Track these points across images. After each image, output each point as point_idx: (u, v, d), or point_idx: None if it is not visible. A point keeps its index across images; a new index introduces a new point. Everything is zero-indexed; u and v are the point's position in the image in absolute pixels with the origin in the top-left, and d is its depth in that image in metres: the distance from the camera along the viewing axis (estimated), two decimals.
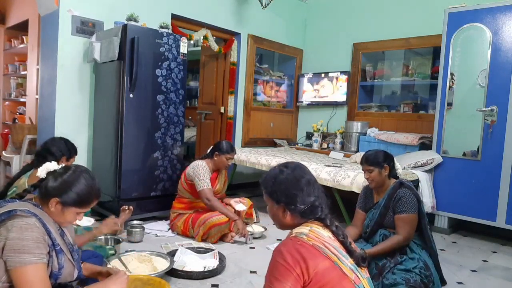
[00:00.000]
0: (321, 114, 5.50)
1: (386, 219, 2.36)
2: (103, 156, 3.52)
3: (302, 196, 1.35)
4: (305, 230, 1.31)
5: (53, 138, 2.45)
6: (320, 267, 1.20)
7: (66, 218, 1.43)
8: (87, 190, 1.43)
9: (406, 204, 2.26)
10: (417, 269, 2.13)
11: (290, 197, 1.35)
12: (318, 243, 1.25)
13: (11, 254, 1.25)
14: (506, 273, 2.80)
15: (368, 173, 2.41)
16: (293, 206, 1.35)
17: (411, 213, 2.26)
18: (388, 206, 2.34)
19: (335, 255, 1.25)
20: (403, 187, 2.32)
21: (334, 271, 1.22)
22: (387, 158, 2.40)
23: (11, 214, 1.29)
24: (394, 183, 2.38)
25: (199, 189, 3.09)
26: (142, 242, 2.93)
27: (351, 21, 5.24)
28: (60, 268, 1.37)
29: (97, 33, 3.53)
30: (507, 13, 3.32)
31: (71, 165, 1.50)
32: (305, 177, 1.39)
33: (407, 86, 4.99)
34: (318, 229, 1.32)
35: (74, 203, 1.41)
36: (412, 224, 2.26)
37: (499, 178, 3.34)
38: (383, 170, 2.37)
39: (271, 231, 3.31)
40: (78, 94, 3.61)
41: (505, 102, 3.31)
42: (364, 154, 2.49)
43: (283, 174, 1.40)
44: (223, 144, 3.25)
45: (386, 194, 2.36)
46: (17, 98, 5.78)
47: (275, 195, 1.39)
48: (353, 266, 1.28)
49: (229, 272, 2.48)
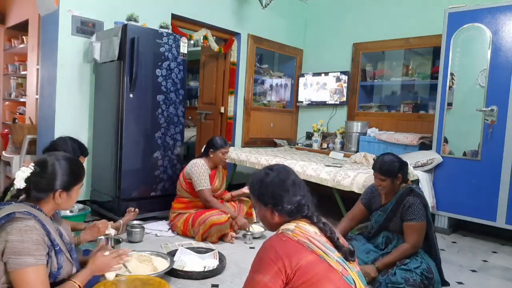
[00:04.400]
0: (321, 114, 5.51)
1: (392, 223, 2.35)
2: (103, 156, 3.52)
3: (289, 196, 1.39)
4: (291, 226, 1.34)
5: (61, 137, 2.35)
6: (303, 262, 1.22)
7: (73, 200, 1.53)
8: (72, 166, 1.50)
9: (416, 212, 2.24)
10: (419, 269, 2.13)
11: (277, 199, 1.39)
12: (303, 238, 1.28)
13: (12, 257, 1.26)
14: (506, 273, 2.80)
15: (380, 181, 2.34)
16: (280, 206, 1.39)
17: (421, 221, 2.24)
18: (396, 212, 2.31)
19: (320, 249, 1.27)
20: (413, 195, 2.28)
21: (320, 265, 1.24)
22: (402, 168, 2.32)
23: (10, 217, 1.29)
24: (404, 188, 2.33)
25: (198, 189, 3.10)
26: (142, 242, 2.93)
27: (351, 21, 5.24)
28: (59, 268, 1.38)
29: (97, 33, 3.53)
30: (507, 13, 3.32)
31: (42, 158, 1.48)
32: (290, 178, 1.43)
33: (407, 86, 4.99)
34: (305, 225, 1.34)
35: (73, 183, 1.49)
36: (420, 232, 2.25)
37: (499, 178, 3.34)
38: (396, 180, 2.32)
39: (271, 231, 3.31)
40: (78, 94, 3.61)
41: (505, 102, 3.31)
42: (378, 160, 2.38)
43: (268, 177, 1.44)
44: (216, 140, 3.28)
45: (395, 200, 2.32)
46: (17, 98, 5.78)
47: (262, 197, 1.43)
48: (340, 259, 1.29)
49: (229, 272, 2.48)
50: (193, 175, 3.13)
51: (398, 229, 2.33)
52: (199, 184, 3.10)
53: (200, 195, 3.11)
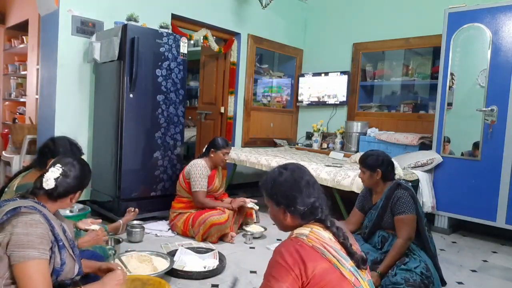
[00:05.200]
0: (321, 114, 5.51)
1: (384, 220, 2.38)
2: (103, 156, 3.52)
3: (302, 197, 1.34)
4: (306, 231, 1.30)
5: (56, 136, 2.35)
6: (319, 269, 1.20)
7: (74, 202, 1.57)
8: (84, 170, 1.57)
9: (405, 205, 2.28)
10: (419, 269, 2.14)
11: (289, 199, 1.35)
12: (318, 245, 1.25)
13: (16, 249, 1.27)
14: (506, 273, 2.80)
15: (361, 173, 2.49)
16: (293, 208, 1.35)
17: (410, 214, 2.27)
18: (386, 207, 2.36)
19: (335, 257, 1.24)
20: (401, 188, 2.34)
21: (333, 273, 1.22)
22: (383, 164, 2.40)
23: (16, 211, 1.31)
24: (391, 184, 2.38)
25: (193, 190, 3.12)
26: (142, 242, 2.93)
27: (351, 21, 5.24)
28: (62, 264, 1.39)
29: (97, 33, 3.53)
30: (507, 13, 3.32)
31: (69, 160, 1.52)
32: (305, 178, 1.38)
33: (407, 86, 4.99)
34: (319, 231, 1.31)
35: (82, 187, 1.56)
36: (412, 225, 2.27)
37: (499, 178, 3.34)
38: (375, 174, 2.40)
39: (271, 231, 3.32)
40: (78, 94, 3.61)
41: (505, 102, 3.32)
42: (365, 153, 2.52)
43: (282, 176, 1.39)
44: (218, 140, 3.29)
45: (384, 195, 2.37)
46: (17, 98, 5.78)
47: (275, 197, 1.38)
48: (353, 269, 1.27)
49: (229, 272, 2.48)
50: (192, 176, 3.14)
51: (391, 226, 2.35)
52: (195, 185, 3.11)
53: (194, 197, 3.12)
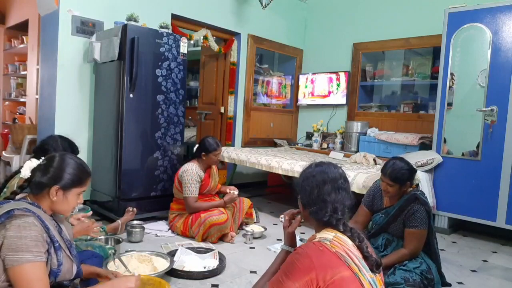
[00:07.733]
0: (321, 114, 5.51)
1: (392, 226, 2.34)
2: (103, 156, 3.52)
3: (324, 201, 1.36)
4: (330, 236, 1.30)
5: (51, 135, 2.32)
6: (339, 277, 1.19)
7: (70, 203, 1.46)
8: (79, 167, 1.48)
9: (419, 220, 2.23)
10: (419, 270, 2.13)
11: (311, 203, 1.38)
12: (341, 251, 1.24)
13: (9, 253, 1.25)
14: (506, 273, 2.80)
15: (388, 186, 2.29)
16: (315, 210, 1.37)
17: (422, 229, 2.23)
18: (398, 217, 2.30)
19: (357, 266, 1.23)
20: (418, 203, 2.25)
21: (353, 283, 1.20)
22: (411, 175, 2.29)
23: (9, 214, 1.28)
24: (409, 194, 2.30)
25: (184, 196, 3.10)
26: (142, 242, 2.93)
27: (351, 21, 5.24)
28: (59, 265, 1.37)
29: (97, 33, 3.53)
30: (507, 13, 3.32)
31: (53, 154, 1.50)
32: (328, 182, 1.38)
33: (407, 86, 4.99)
34: (343, 236, 1.30)
35: (73, 184, 1.45)
36: (421, 240, 2.25)
37: (499, 178, 3.34)
38: (404, 187, 2.29)
39: (271, 231, 3.31)
40: (78, 94, 3.61)
41: (505, 102, 3.31)
42: (389, 165, 2.31)
43: (309, 179, 1.41)
44: (208, 142, 3.19)
45: (398, 205, 2.30)
46: (17, 98, 5.78)
47: (303, 198, 1.42)
48: (372, 280, 1.25)
49: (229, 272, 2.48)
50: (183, 181, 3.12)
51: (398, 233, 2.31)
52: (186, 191, 3.09)
53: (185, 202, 3.11)
